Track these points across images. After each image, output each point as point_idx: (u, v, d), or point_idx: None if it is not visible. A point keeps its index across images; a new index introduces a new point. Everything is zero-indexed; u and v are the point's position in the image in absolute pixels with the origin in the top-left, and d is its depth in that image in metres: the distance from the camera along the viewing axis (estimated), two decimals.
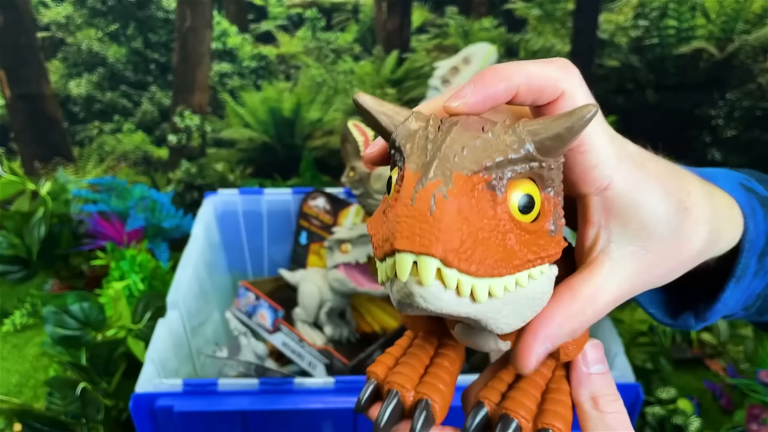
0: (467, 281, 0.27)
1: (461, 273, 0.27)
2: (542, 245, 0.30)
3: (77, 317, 1.01)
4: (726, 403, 1.05)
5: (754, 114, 1.31)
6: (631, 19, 1.25)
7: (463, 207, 0.27)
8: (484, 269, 0.27)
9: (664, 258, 0.34)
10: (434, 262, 0.26)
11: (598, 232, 0.34)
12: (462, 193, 0.27)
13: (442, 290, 0.27)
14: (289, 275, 1.10)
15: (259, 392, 0.79)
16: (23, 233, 1.22)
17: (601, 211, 0.34)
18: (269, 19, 1.31)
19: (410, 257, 0.26)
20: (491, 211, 0.28)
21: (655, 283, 0.35)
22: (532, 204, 0.29)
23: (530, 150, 0.29)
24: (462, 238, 0.26)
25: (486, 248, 0.27)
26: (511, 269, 0.28)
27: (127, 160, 1.44)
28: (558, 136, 0.28)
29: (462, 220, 0.26)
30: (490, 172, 0.28)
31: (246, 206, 1.19)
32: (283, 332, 1.02)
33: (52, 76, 1.35)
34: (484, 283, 0.28)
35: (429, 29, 1.31)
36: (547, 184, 0.30)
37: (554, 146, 0.29)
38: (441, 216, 0.26)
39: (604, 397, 0.35)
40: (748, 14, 1.24)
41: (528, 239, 0.29)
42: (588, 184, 0.33)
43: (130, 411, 0.77)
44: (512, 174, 0.28)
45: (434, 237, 0.26)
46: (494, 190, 0.28)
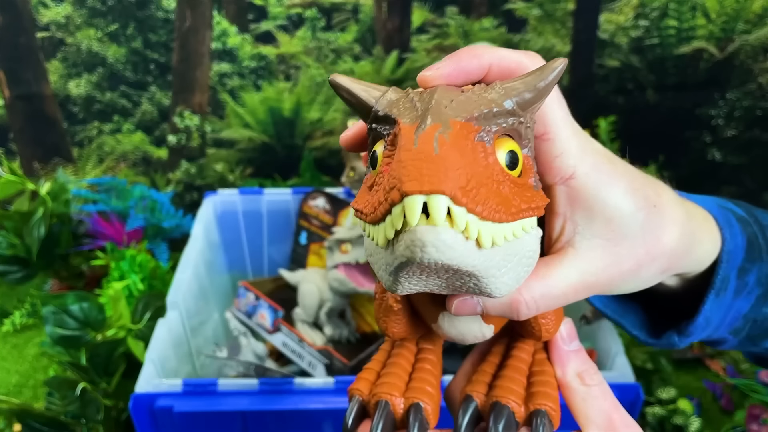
0: (474, 222, 0.27)
1: (469, 213, 0.26)
2: (530, 197, 0.30)
3: (77, 317, 1.00)
4: (726, 404, 1.05)
5: (754, 114, 1.31)
6: (632, 19, 1.25)
7: (464, 149, 0.27)
8: (488, 212, 0.27)
9: (632, 253, 0.34)
10: (444, 200, 0.26)
11: (564, 222, 0.34)
12: (461, 137, 0.27)
13: (452, 236, 0.26)
14: (289, 275, 1.10)
15: (258, 392, 0.79)
16: (23, 233, 1.22)
17: (566, 202, 0.34)
18: (269, 19, 1.31)
19: (420, 198, 0.26)
20: (485, 160, 0.28)
21: (624, 279, 0.35)
22: (516, 159, 0.30)
23: (512, 104, 0.29)
24: (467, 177, 0.26)
25: (488, 191, 0.27)
26: (509, 216, 0.28)
27: (126, 160, 1.43)
28: (536, 89, 0.30)
29: (464, 161, 0.27)
30: (479, 122, 0.28)
31: (246, 206, 1.19)
32: (283, 332, 1.01)
33: (52, 76, 1.35)
34: (489, 228, 0.27)
35: (429, 29, 1.31)
36: (524, 143, 0.31)
37: (533, 100, 0.30)
38: (446, 155, 0.26)
39: (586, 371, 0.36)
40: (749, 14, 1.24)
41: (518, 190, 0.29)
42: (553, 174, 0.34)
43: (130, 411, 0.77)
44: (497, 128, 0.29)
45: (443, 175, 0.26)
46: (484, 141, 0.28)
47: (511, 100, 0.29)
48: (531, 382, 0.35)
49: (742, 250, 0.40)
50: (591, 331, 0.94)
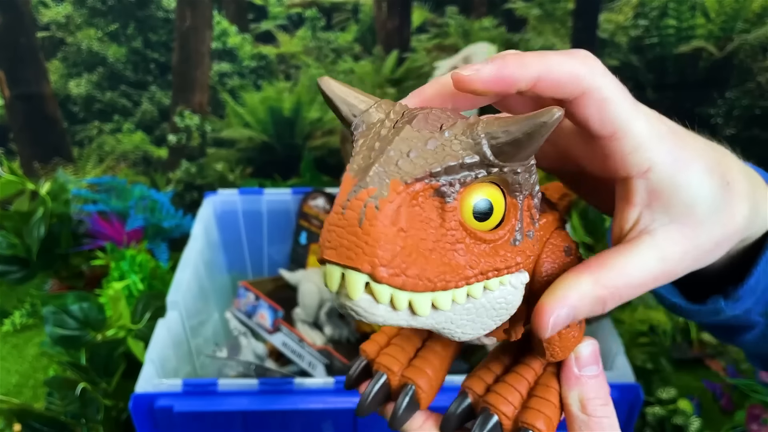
0: (403, 296, 0.25)
1: (394, 288, 0.25)
2: (502, 255, 0.28)
3: (77, 317, 1.00)
4: (726, 404, 1.05)
5: (753, 113, 1.31)
6: (631, 18, 1.25)
7: (399, 218, 0.25)
8: (424, 284, 0.25)
9: (711, 235, 0.33)
10: (362, 276, 0.25)
11: (640, 213, 0.32)
12: (399, 203, 0.25)
13: (375, 304, 0.25)
14: (289, 275, 1.10)
15: (258, 392, 0.79)
16: (23, 233, 1.22)
17: (644, 194, 0.32)
18: (269, 19, 1.31)
19: (337, 269, 0.25)
20: (437, 220, 0.26)
21: (702, 260, 0.33)
22: (491, 210, 0.27)
23: (487, 155, 0.26)
24: (394, 251, 0.24)
25: (427, 261, 0.25)
26: (459, 281, 0.26)
27: (126, 160, 1.43)
28: (516, 142, 0.26)
29: (395, 233, 0.25)
30: (438, 178, 0.26)
31: (246, 206, 1.19)
32: (283, 332, 1.01)
33: (52, 75, 1.35)
34: (425, 297, 0.26)
35: (429, 29, 1.31)
36: (514, 188, 0.28)
37: (513, 152, 0.26)
38: (369, 228, 0.24)
39: (593, 400, 0.34)
40: (748, 13, 1.23)
41: (484, 250, 0.27)
42: (628, 169, 0.31)
43: (130, 411, 0.77)
44: (468, 179, 0.26)
45: (360, 250, 0.24)
46: (443, 197, 0.26)
47: (488, 149, 0.26)
48: (531, 396, 0.34)
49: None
50: (591, 331, 0.94)
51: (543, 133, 0.26)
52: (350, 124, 0.29)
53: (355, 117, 0.29)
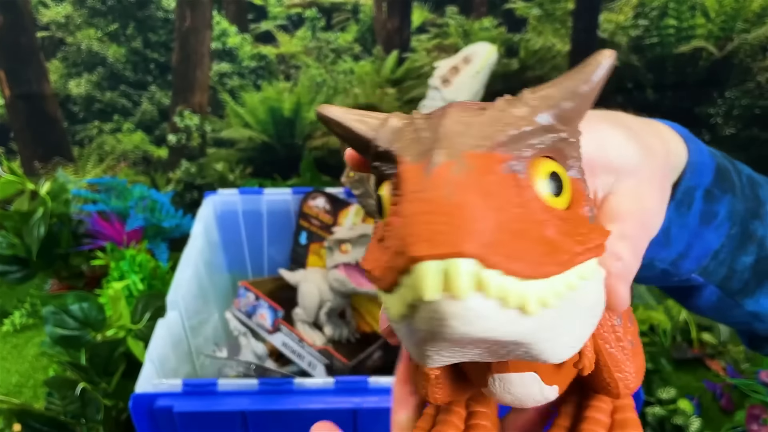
0: (514, 285, 0.21)
1: (504, 275, 0.20)
2: (585, 234, 0.24)
3: (77, 317, 1.00)
4: (726, 404, 1.05)
5: (752, 112, 1.31)
6: (631, 18, 1.25)
7: (489, 190, 0.21)
8: (531, 268, 0.21)
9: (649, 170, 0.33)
10: (469, 263, 0.20)
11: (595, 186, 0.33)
12: (482, 174, 0.21)
13: (484, 303, 0.20)
14: (289, 275, 1.10)
15: (258, 392, 0.79)
16: (23, 233, 1.22)
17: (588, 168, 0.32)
18: (269, 19, 1.31)
19: (435, 265, 0.20)
20: (517, 197, 0.22)
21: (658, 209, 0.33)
22: (561, 186, 0.24)
23: (548, 119, 0.23)
24: (497, 228, 0.20)
25: (525, 241, 0.21)
26: (559, 266, 0.22)
27: (126, 159, 1.43)
28: (577, 94, 0.24)
29: (491, 207, 0.20)
30: (507, 149, 0.22)
31: (246, 206, 1.19)
32: (283, 332, 1.01)
33: (52, 75, 1.35)
34: (535, 287, 0.21)
35: (429, 29, 1.31)
36: (570, 163, 0.25)
37: (574, 107, 0.24)
38: (464, 203, 0.20)
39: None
40: (748, 13, 1.23)
41: (567, 228, 0.23)
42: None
43: (130, 411, 0.77)
44: (531, 152, 0.23)
45: (464, 230, 0.20)
46: (515, 171, 0.22)
47: (546, 113, 0.23)
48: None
49: (710, 171, 0.39)
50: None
51: (602, 77, 0.24)
52: (368, 142, 0.25)
53: (375, 131, 0.25)
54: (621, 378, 0.30)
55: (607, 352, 0.29)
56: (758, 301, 0.44)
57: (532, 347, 0.23)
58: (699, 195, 0.39)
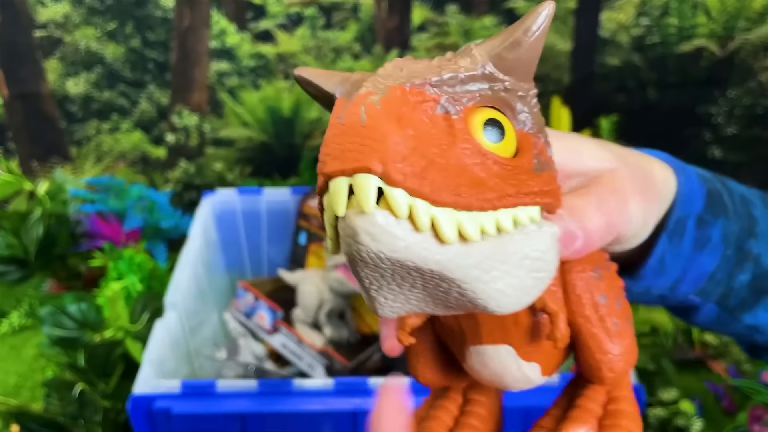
0: (423, 207, 0.21)
1: (413, 196, 0.21)
2: (524, 180, 0.24)
3: (75, 318, 1.00)
4: (728, 405, 1.04)
5: (754, 112, 1.30)
6: (633, 17, 1.25)
7: (405, 117, 0.21)
8: (444, 193, 0.21)
9: (628, 176, 0.34)
10: (372, 179, 0.21)
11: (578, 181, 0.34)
12: (401, 103, 0.22)
13: (393, 221, 0.21)
14: (289, 276, 1.10)
15: (257, 394, 0.78)
16: (20, 233, 1.21)
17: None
18: (268, 18, 1.31)
19: (344, 181, 0.21)
20: (446, 135, 0.22)
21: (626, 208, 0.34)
22: (501, 131, 0.24)
23: (487, 68, 0.24)
24: (405, 149, 0.21)
25: (444, 170, 0.21)
26: (484, 202, 0.22)
27: (125, 159, 1.43)
28: (516, 43, 0.24)
29: (403, 131, 0.21)
30: (439, 89, 0.23)
31: (245, 206, 1.18)
32: (282, 333, 1.01)
33: (50, 75, 1.34)
34: (449, 215, 0.21)
35: (429, 28, 1.31)
36: (520, 118, 0.25)
37: (515, 56, 0.24)
38: (374, 124, 0.21)
39: None
40: (750, 12, 1.23)
41: (504, 173, 0.23)
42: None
43: (128, 412, 0.77)
44: (469, 97, 0.23)
45: (368, 147, 0.21)
46: (448, 112, 0.23)
47: (487, 61, 0.24)
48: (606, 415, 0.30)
49: (701, 197, 0.40)
50: None
51: (541, 27, 0.24)
52: (330, 96, 0.26)
53: (335, 86, 0.26)
54: (603, 360, 0.30)
55: (588, 331, 0.30)
56: (756, 315, 0.45)
57: (464, 285, 0.22)
58: (691, 223, 0.39)
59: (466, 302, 0.24)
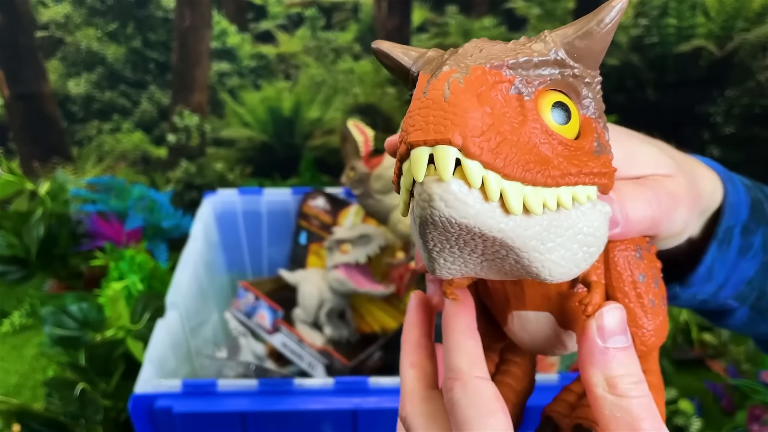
0: (495, 179, 0.23)
1: (487, 169, 0.23)
2: (585, 161, 0.26)
3: (76, 318, 1.00)
4: (727, 404, 1.05)
5: (752, 111, 1.31)
6: (632, 17, 1.25)
7: (484, 96, 0.23)
8: (514, 168, 0.23)
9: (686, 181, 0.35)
10: (452, 150, 0.23)
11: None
12: (481, 83, 0.23)
13: (466, 190, 0.23)
14: (289, 275, 1.10)
15: (258, 393, 0.79)
16: (22, 233, 1.22)
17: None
18: (269, 19, 1.31)
19: (425, 150, 0.23)
20: (518, 114, 0.24)
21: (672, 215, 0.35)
22: (568, 115, 0.26)
23: (560, 54, 0.26)
24: (483, 125, 0.23)
25: (515, 147, 0.23)
26: (548, 179, 0.24)
27: (126, 159, 1.43)
28: (588, 33, 0.26)
29: (482, 108, 0.23)
30: (514, 71, 0.25)
31: (245, 206, 1.19)
32: (283, 333, 1.01)
33: (51, 75, 1.35)
34: (517, 188, 0.23)
35: (429, 28, 1.31)
36: (584, 103, 0.27)
37: (587, 44, 0.26)
38: (456, 100, 0.23)
39: (623, 378, 0.28)
40: (748, 12, 1.23)
41: (567, 153, 0.25)
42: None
43: (129, 412, 0.77)
44: (540, 80, 0.25)
45: (450, 121, 0.23)
46: (521, 93, 0.25)
47: (560, 47, 0.26)
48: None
49: (746, 207, 0.41)
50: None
51: (613, 20, 0.26)
52: (407, 70, 0.29)
53: (413, 61, 0.28)
54: (637, 334, 0.31)
55: (625, 305, 0.31)
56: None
57: (521, 254, 0.24)
58: (737, 231, 0.40)
59: (521, 269, 0.26)
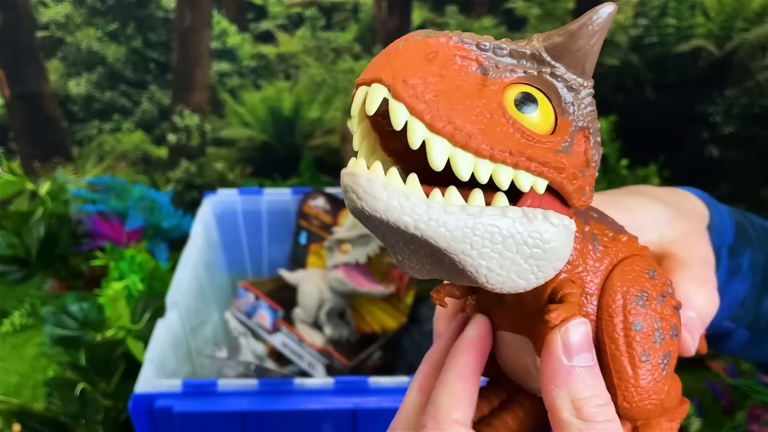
0: (419, 127, 0.22)
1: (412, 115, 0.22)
2: (537, 148, 0.24)
3: (76, 317, 1.00)
4: (727, 404, 1.05)
5: (752, 111, 1.31)
6: (631, 17, 1.25)
7: (438, 59, 0.23)
8: (443, 124, 0.22)
9: (692, 226, 0.39)
10: (381, 90, 0.22)
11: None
12: (437, 47, 0.23)
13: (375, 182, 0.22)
14: (289, 275, 1.10)
15: (258, 393, 0.79)
16: (22, 233, 1.22)
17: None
18: (269, 19, 1.31)
19: (363, 90, 0.23)
20: (477, 89, 0.23)
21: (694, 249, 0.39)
22: (534, 105, 0.24)
23: (538, 49, 0.25)
24: (424, 77, 0.22)
25: (452, 105, 0.22)
26: (482, 148, 0.23)
27: (126, 159, 1.43)
28: (568, 33, 0.25)
29: (428, 67, 0.22)
30: (485, 53, 0.24)
31: (245, 206, 1.19)
32: (283, 332, 1.01)
33: (52, 75, 1.35)
34: (441, 145, 0.22)
35: (429, 28, 1.31)
36: (565, 107, 0.26)
37: (564, 44, 0.25)
38: (403, 51, 0.23)
39: (589, 400, 0.26)
40: (747, 12, 1.23)
41: (520, 138, 0.24)
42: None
43: (130, 411, 0.77)
44: (512, 70, 0.24)
45: (388, 66, 0.22)
46: (486, 75, 0.24)
47: (537, 44, 0.25)
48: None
49: (731, 229, 0.43)
50: None
51: (595, 24, 0.26)
52: None
53: None
54: (620, 386, 0.28)
55: (611, 352, 0.28)
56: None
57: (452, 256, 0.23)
58: (724, 253, 0.42)
59: (460, 273, 0.24)
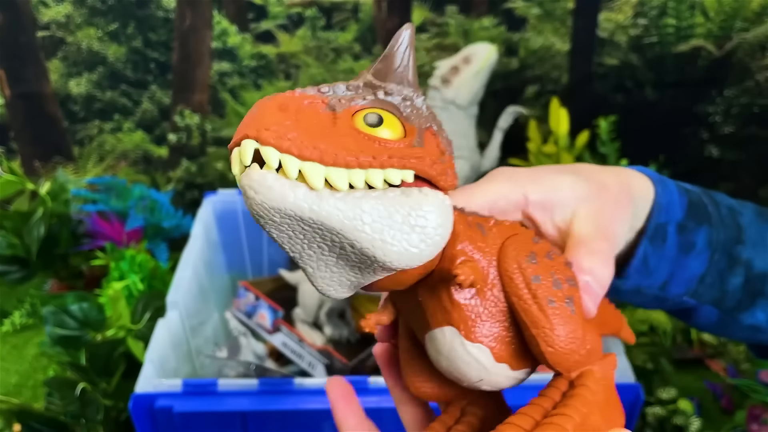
0: (292, 161, 0.25)
1: (282, 152, 0.25)
2: (399, 150, 0.28)
3: (76, 317, 1.00)
4: (726, 404, 1.05)
5: (751, 111, 1.31)
6: (631, 17, 1.25)
7: (290, 108, 0.26)
8: (309, 151, 0.25)
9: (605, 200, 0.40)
10: (251, 142, 0.25)
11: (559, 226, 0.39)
12: (285, 99, 0.27)
13: (266, 174, 0.25)
14: (289, 275, 1.10)
15: (258, 392, 0.79)
16: (22, 233, 1.22)
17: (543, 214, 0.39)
18: (269, 19, 1.31)
19: (236, 150, 0.26)
20: (329, 123, 0.27)
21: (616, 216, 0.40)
22: (380, 120, 0.28)
23: (367, 77, 0.30)
24: (281, 123, 0.26)
25: (312, 137, 0.26)
26: (350, 161, 0.26)
27: (127, 159, 1.43)
28: (385, 58, 0.31)
29: (282, 113, 0.26)
30: (326, 94, 0.28)
31: (246, 206, 1.19)
32: (283, 332, 1.01)
33: (52, 75, 1.35)
34: (316, 168, 0.25)
35: (429, 28, 1.31)
36: (406, 115, 0.29)
37: (385, 66, 0.31)
38: (260, 109, 0.26)
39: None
40: (747, 12, 1.23)
41: (376, 145, 0.27)
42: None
43: (130, 411, 0.77)
44: (354, 100, 0.28)
45: (251, 124, 0.26)
46: (334, 110, 0.27)
47: (367, 74, 0.31)
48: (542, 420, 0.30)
49: (680, 207, 0.44)
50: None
51: (401, 44, 0.31)
52: None
53: None
54: (539, 335, 0.30)
55: (521, 308, 0.31)
56: (754, 316, 0.48)
57: (347, 235, 0.26)
58: (672, 229, 0.44)
59: (359, 255, 0.27)
